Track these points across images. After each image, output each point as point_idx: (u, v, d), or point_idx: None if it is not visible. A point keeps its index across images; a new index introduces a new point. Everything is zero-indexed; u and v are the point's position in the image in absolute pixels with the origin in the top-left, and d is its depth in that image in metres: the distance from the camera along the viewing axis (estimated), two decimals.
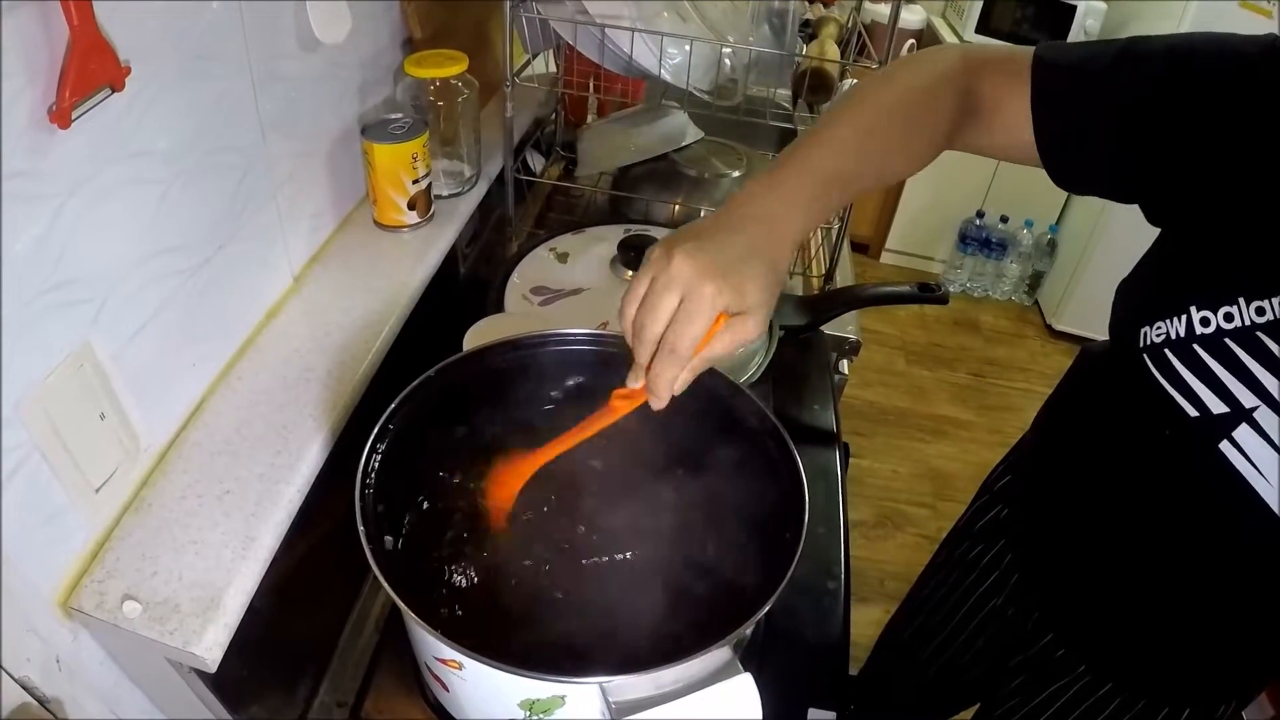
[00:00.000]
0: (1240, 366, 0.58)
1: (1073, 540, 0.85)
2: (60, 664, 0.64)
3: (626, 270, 0.96)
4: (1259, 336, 0.57)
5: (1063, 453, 0.87)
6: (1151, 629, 0.81)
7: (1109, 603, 0.82)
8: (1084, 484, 0.82)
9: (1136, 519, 0.75)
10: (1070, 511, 0.85)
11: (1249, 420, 0.58)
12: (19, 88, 0.53)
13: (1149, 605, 0.79)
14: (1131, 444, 0.73)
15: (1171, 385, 0.63)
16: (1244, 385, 0.58)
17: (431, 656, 0.60)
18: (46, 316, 0.59)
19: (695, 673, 0.53)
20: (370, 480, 0.62)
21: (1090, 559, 0.83)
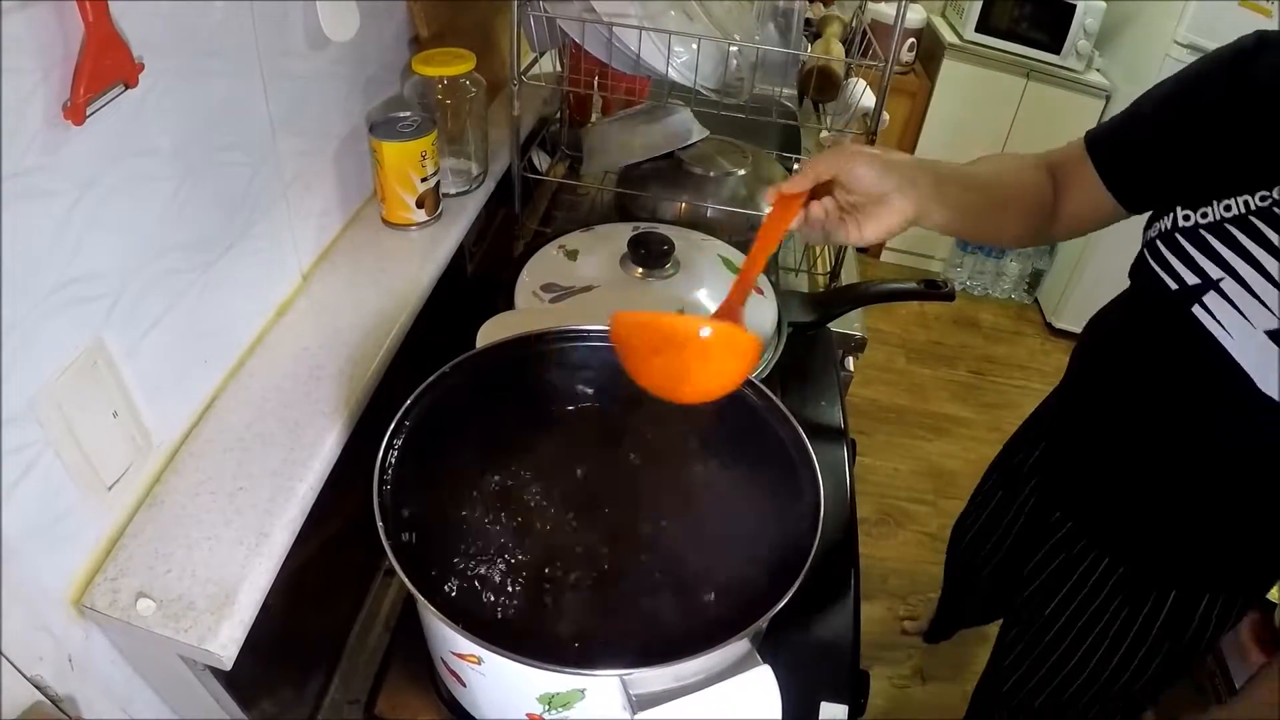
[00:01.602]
0: (1209, 248, 0.74)
1: (1089, 433, 0.99)
2: (73, 663, 0.64)
3: (637, 267, 0.96)
4: (1226, 226, 0.73)
5: (1090, 369, 1.00)
6: (1153, 507, 0.92)
7: (1117, 485, 0.95)
8: (1100, 382, 0.97)
9: (1137, 400, 0.88)
10: (1089, 409, 0.98)
11: (1216, 289, 0.74)
12: (34, 84, 0.53)
13: (1150, 482, 0.90)
14: (1136, 338, 0.88)
15: (1159, 268, 0.79)
16: (1211, 262, 0.74)
17: (448, 651, 0.60)
18: (59, 313, 0.59)
19: (715, 665, 0.53)
20: (388, 475, 0.62)
21: (1102, 448, 0.96)
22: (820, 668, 0.80)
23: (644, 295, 0.93)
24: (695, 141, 1.30)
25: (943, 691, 1.94)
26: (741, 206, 1.24)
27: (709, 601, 0.64)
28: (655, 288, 0.95)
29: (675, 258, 0.97)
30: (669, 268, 0.96)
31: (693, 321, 0.63)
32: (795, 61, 1.16)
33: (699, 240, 1.07)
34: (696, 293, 0.95)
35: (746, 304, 0.70)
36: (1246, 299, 0.71)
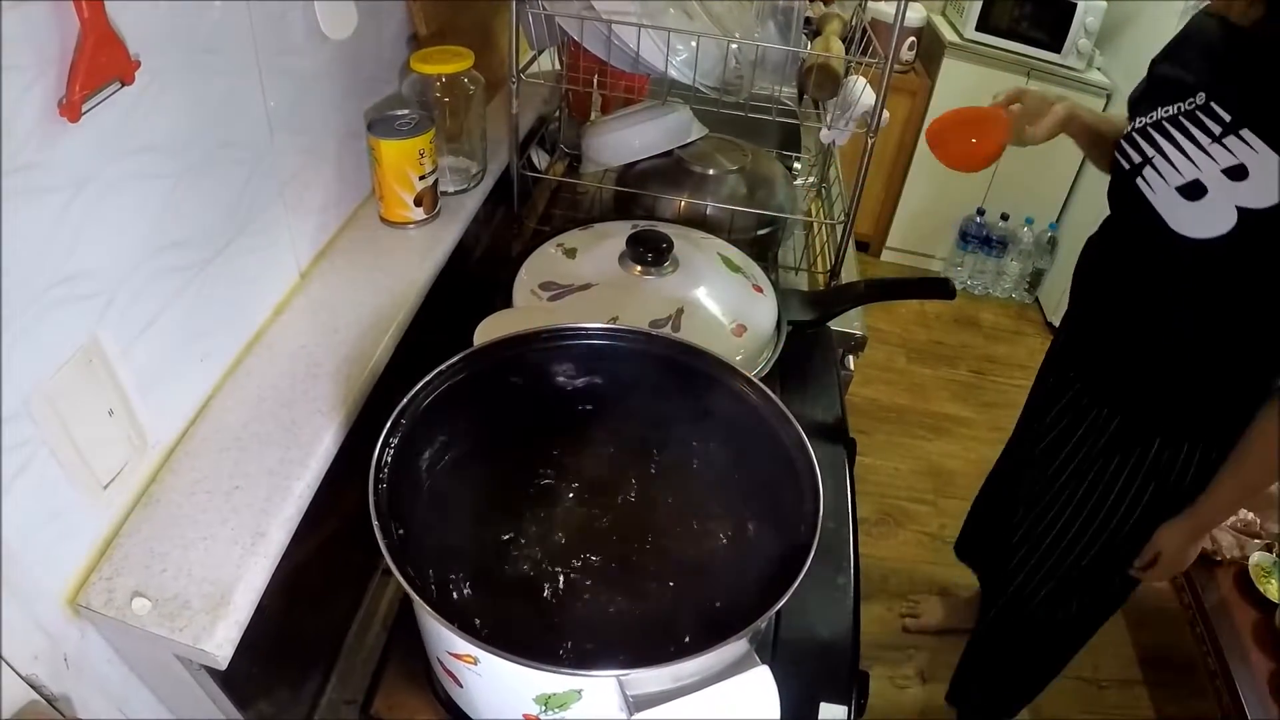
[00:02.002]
0: (1149, 138, 1.05)
1: (1090, 305, 1.28)
2: (68, 662, 0.64)
3: (635, 265, 0.95)
4: (1163, 124, 1.03)
5: (1086, 265, 1.31)
6: (1134, 358, 1.17)
7: (1108, 342, 1.22)
8: (1095, 268, 1.27)
9: (1116, 270, 1.18)
10: (1089, 288, 1.29)
11: (1150, 164, 1.04)
12: (29, 80, 0.53)
13: (1129, 336, 1.17)
14: (1113, 228, 1.21)
15: (1120, 155, 1.11)
16: (1149, 146, 1.04)
17: (444, 651, 0.60)
18: (54, 311, 0.59)
19: (713, 665, 0.52)
20: (384, 474, 0.62)
21: (1097, 312, 1.25)
22: (820, 668, 0.80)
23: (643, 294, 0.93)
24: (694, 140, 1.29)
25: (943, 691, 1.93)
26: (741, 205, 1.23)
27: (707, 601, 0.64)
28: (654, 286, 0.94)
29: (674, 256, 0.96)
30: (668, 266, 0.96)
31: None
32: (795, 59, 1.16)
33: (698, 238, 1.06)
34: (695, 291, 0.95)
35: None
36: (1165, 167, 1.01)
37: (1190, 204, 0.97)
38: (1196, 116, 0.98)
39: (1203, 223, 0.97)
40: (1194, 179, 0.97)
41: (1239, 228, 0.93)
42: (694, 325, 0.91)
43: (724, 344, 0.90)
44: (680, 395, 0.75)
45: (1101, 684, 2.01)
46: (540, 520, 0.70)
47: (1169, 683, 2.02)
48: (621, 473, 0.74)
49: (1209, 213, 0.96)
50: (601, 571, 0.67)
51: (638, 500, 0.72)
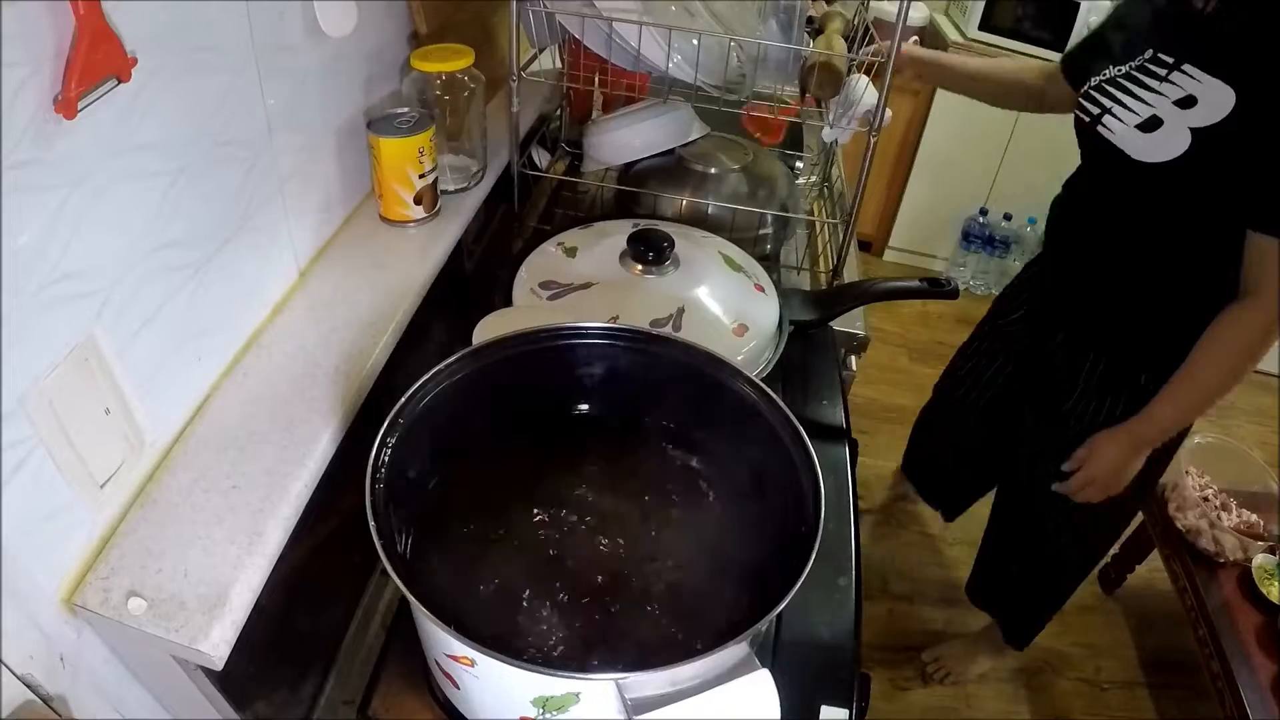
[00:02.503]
0: (1105, 92, 1.18)
1: (1068, 256, 1.37)
2: (64, 662, 0.64)
3: (636, 264, 0.95)
4: (1116, 80, 1.17)
5: (1058, 217, 1.40)
6: (1114, 299, 1.28)
7: (1090, 288, 1.32)
8: (1067, 219, 1.38)
9: (1086, 216, 1.31)
10: (1064, 240, 1.39)
11: (1109, 113, 1.16)
12: (25, 77, 0.53)
13: (1107, 278, 1.28)
14: (1082, 177, 1.35)
15: (1080, 111, 1.23)
16: (1105, 99, 1.17)
17: (442, 653, 0.59)
18: (51, 309, 0.58)
19: (712, 669, 0.52)
20: (381, 475, 0.61)
21: (1077, 263, 1.35)
22: (821, 670, 0.79)
23: (643, 293, 0.93)
24: (696, 138, 1.29)
25: (944, 693, 1.93)
26: (743, 203, 1.23)
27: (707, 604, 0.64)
28: (655, 285, 0.94)
29: (675, 255, 0.96)
30: (668, 265, 0.95)
31: None
32: (797, 58, 1.15)
33: (699, 237, 1.06)
34: (696, 290, 0.94)
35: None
36: (1123, 112, 1.15)
37: (1148, 135, 1.11)
38: (1146, 68, 1.14)
39: (1161, 148, 1.09)
40: (1150, 115, 1.11)
41: (1192, 145, 1.06)
42: (695, 325, 0.90)
43: (725, 344, 0.90)
44: (680, 395, 0.74)
45: (1104, 686, 2.01)
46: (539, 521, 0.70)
47: (1171, 685, 2.01)
48: (621, 473, 0.74)
49: (1166, 139, 1.09)
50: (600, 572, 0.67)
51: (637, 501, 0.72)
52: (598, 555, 0.68)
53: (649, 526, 0.70)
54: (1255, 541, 1.77)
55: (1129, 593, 2.21)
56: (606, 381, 0.77)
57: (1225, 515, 1.84)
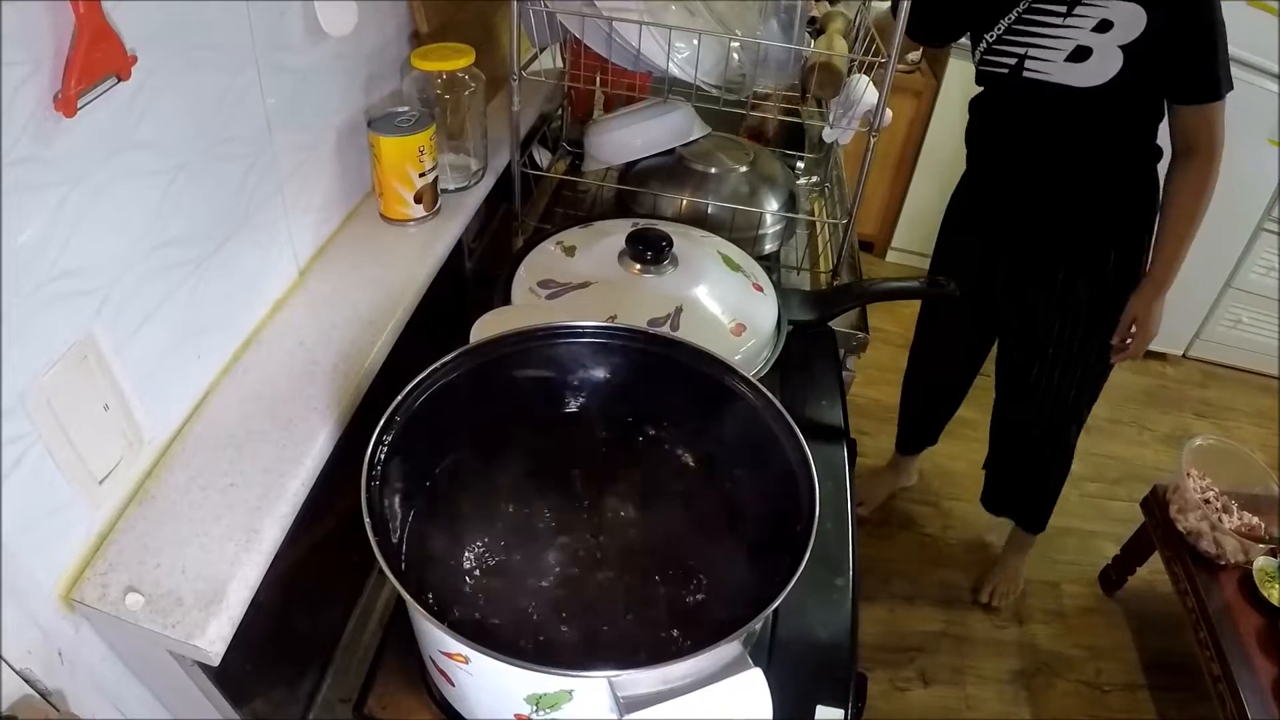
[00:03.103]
0: (1012, 41, 1.34)
1: (1006, 183, 1.59)
2: (62, 657, 0.64)
3: (635, 263, 0.95)
4: (1015, 28, 1.33)
5: (981, 142, 1.63)
6: (1053, 212, 1.53)
7: (1036, 207, 1.55)
8: (993, 147, 1.59)
9: (1015, 143, 1.51)
10: (994, 167, 1.61)
11: (1028, 58, 1.32)
12: (25, 75, 0.53)
13: (1048, 194, 1.51)
14: (996, 107, 1.51)
15: (995, 66, 1.38)
16: (1014, 48, 1.33)
17: (437, 651, 0.59)
18: (50, 307, 0.59)
19: (705, 667, 0.52)
20: (377, 472, 0.62)
21: (1017, 187, 1.56)
22: (817, 670, 0.79)
23: (642, 292, 0.93)
24: (697, 138, 1.29)
25: (944, 694, 1.93)
26: (743, 203, 1.23)
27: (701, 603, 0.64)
28: (653, 284, 0.94)
29: (673, 254, 0.96)
30: (667, 264, 0.95)
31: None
32: (798, 58, 1.15)
33: (698, 237, 1.06)
34: (695, 289, 0.94)
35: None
36: (1044, 51, 1.31)
37: (1084, 64, 1.29)
38: (1038, 8, 1.30)
39: (1099, 72, 1.29)
40: (1074, 46, 1.28)
41: (1125, 60, 1.27)
42: (693, 324, 0.90)
43: (723, 343, 0.90)
44: (677, 394, 0.74)
45: (1105, 688, 2.00)
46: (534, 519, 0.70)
47: (1172, 687, 2.01)
48: (617, 471, 0.74)
49: (1101, 63, 1.29)
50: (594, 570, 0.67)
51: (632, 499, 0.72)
52: (592, 554, 0.68)
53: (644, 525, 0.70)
54: (1256, 544, 1.77)
55: (1130, 595, 2.21)
56: (603, 380, 0.77)
57: (1226, 517, 1.83)
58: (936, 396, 2.17)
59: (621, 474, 0.74)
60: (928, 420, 2.24)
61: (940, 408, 2.19)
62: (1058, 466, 1.93)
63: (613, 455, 0.75)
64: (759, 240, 1.26)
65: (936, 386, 2.14)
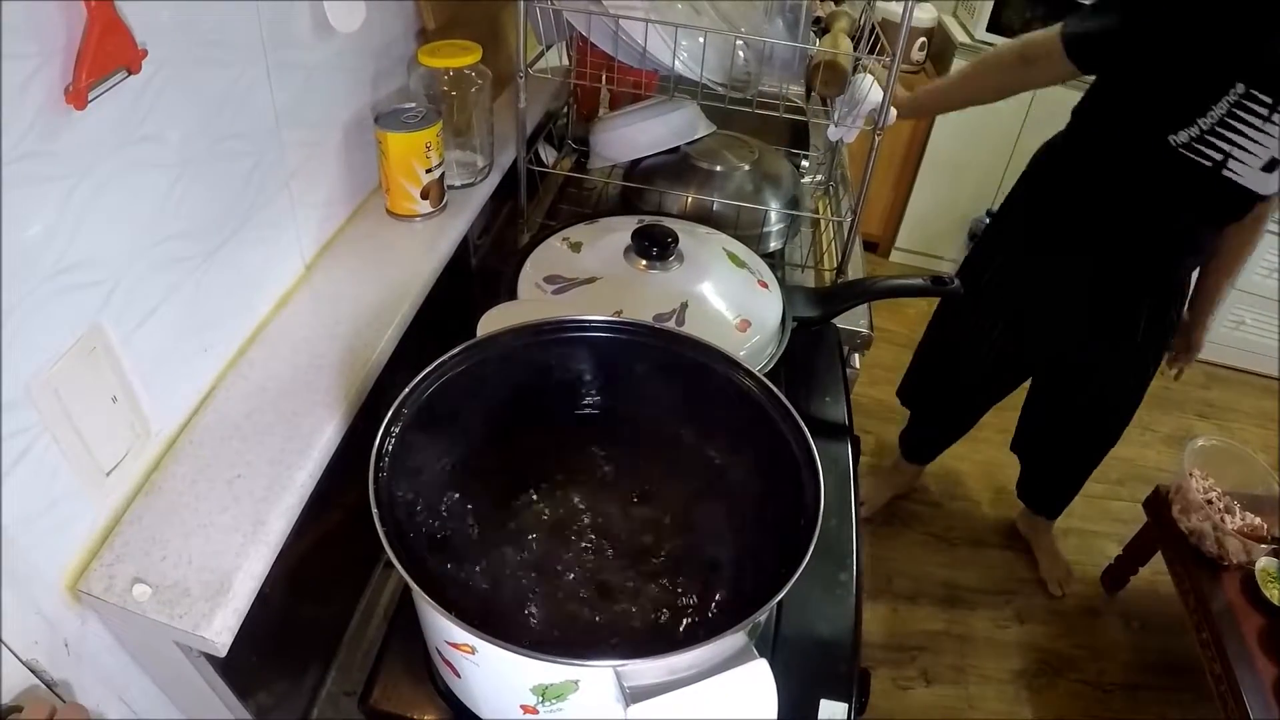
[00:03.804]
0: (1221, 136, 1.31)
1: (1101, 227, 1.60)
2: (69, 648, 0.64)
3: (640, 259, 0.95)
4: (1226, 121, 1.29)
5: (1077, 191, 1.62)
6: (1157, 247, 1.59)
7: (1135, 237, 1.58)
8: (1092, 199, 1.59)
9: (1152, 201, 1.49)
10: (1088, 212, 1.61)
11: (1231, 158, 1.32)
12: (35, 67, 0.53)
13: (1156, 234, 1.56)
14: (1147, 179, 1.46)
15: (1198, 157, 1.34)
16: (1222, 144, 1.31)
17: (443, 641, 0.60)
18: (57, 298, 0.59)
19: (710, 658, 0.52)
20: (384, 463, 0.62)
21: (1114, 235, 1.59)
22: (821, 665, 0.80)
23: (647, 288, 0.93)
24: (702, 136, 1.29)
25: (946, 693, 1.93)
26: (748, 201, 1.23)
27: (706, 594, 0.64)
28: (658, 280, 0.94)
29: (679, 250, 0.96)
30: (672, 260, 0.96)
31: None
32: (802, 56, 1.16)
33: (703, 233, 1.06)
34: (700, 285, 0.95)
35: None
36: (1246, 155, 1.31)
37: (1270, 174, 1.33)
38: (1245, 105, 1.27)
39: (1276, 182, 1.35)
40: (1270, 158, 1.30)
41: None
42: (698, 320, 0.90)
43: (728, 339, 0.90)
44: (682, 388, 0.75)
45: (1106, 688, 2.01)
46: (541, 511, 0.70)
47: (1174, 688, 2.01)
48: (624, 465, 0.74)
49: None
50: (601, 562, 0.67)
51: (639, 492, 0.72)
52: (599, 545, 0.68)
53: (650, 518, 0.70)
54: (1259, 544, 1.77)
55: (1132, 595, 2.21)
56: (609, 374, 0.77)
57: (1229, 518, 1.83)
58: (952, 415, 2.16)
59: (628, 467, 0.74)
60: (940, 436, 2.24)
61: (955, 427, 2.19)
62: (1099, 462, 2.03)
63: (618, 448, 0.75)
64: (763, 238, 1.26)
65: (955, 405, 2.13)
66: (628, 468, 0.74)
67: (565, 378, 0.78)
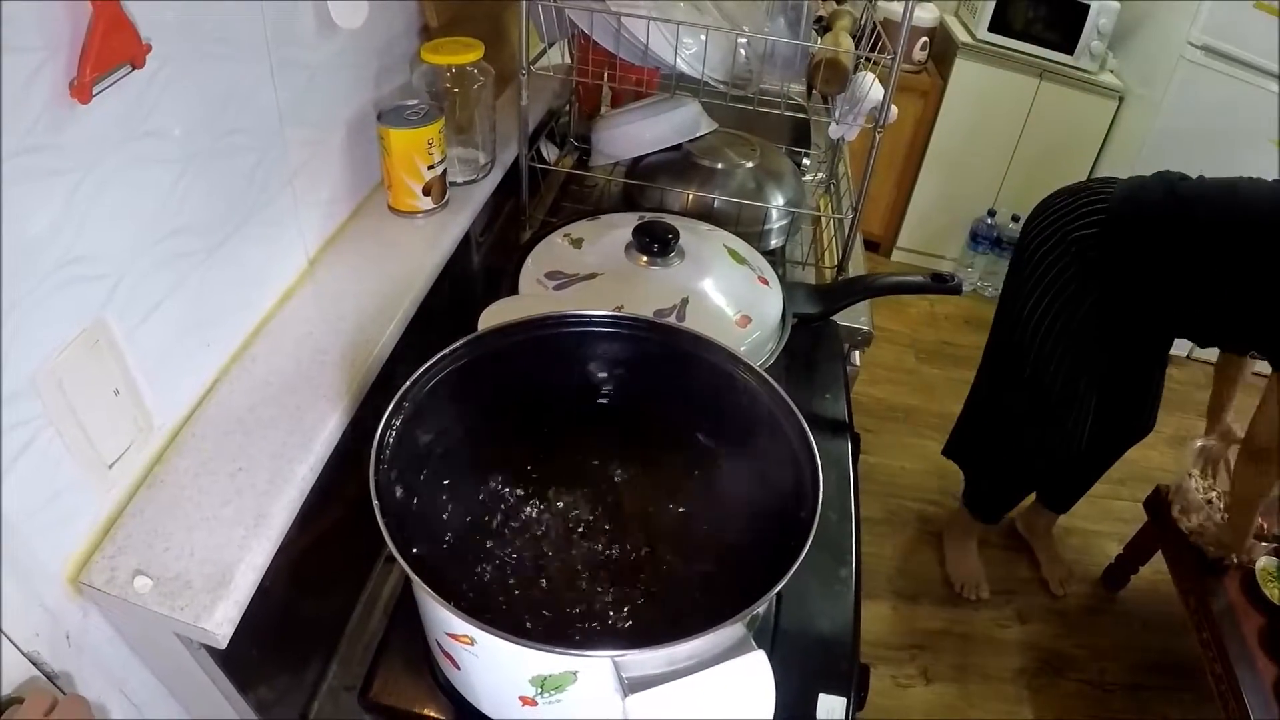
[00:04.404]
0: None
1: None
2: (70, 640, 0.65)
3: (641, 256, 0.95)
4: None
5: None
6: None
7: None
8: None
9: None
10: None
11: None
12: (41, 61, 0.54)
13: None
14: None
15: None
16: None
17: (443, 633, 0.60)
18: (62, 292, 0.60)
19: (709, 649, 0.52)
20: (385, 455, 0.62)
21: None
22: (820, 659, 0.80)
23: (648, 283, 0.93)
24: (704, 134, 1.30)
25: (946, 691, 1.93)
26: (749, 199, 1.24)
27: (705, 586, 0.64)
28: (659, 276, 0.95)
29: (680, 247, 0.96)
30: (673, 257, 0.96)
31: None
32: (804, 54, 1.16)
33: (705, 230, 1.06)
34: (701, 282, 0.95)
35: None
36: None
37: None
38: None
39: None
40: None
41: None
42: (698, 315, 0.91)
43: (728, 335, 0.90)
44: (682, 383, 0.75)
45: (1107, 687, 2.01)
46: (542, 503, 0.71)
47: (1175, 687, 2.01)
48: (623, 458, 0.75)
49: None
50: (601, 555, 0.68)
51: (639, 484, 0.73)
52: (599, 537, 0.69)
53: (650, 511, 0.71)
54: (1259, 543, 1.77)
55: (1133, 595, 2.21)
56: (609, 368, 0.78)
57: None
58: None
59: (628, 460, 0.75)
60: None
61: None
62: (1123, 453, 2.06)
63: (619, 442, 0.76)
64: (764, 235, 1.26)
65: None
66: (629, 461, 0.75)
67: (566, 372, 0.78)
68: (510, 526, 0.69)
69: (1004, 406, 1.90)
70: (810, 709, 0.75)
